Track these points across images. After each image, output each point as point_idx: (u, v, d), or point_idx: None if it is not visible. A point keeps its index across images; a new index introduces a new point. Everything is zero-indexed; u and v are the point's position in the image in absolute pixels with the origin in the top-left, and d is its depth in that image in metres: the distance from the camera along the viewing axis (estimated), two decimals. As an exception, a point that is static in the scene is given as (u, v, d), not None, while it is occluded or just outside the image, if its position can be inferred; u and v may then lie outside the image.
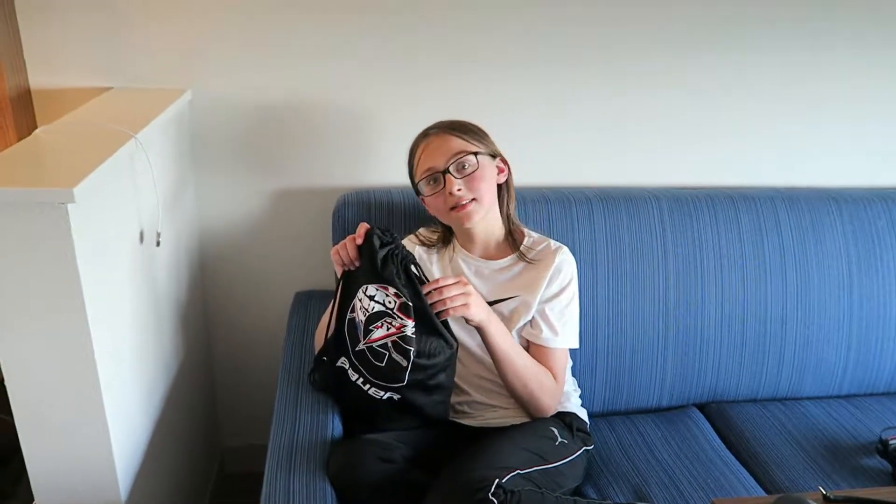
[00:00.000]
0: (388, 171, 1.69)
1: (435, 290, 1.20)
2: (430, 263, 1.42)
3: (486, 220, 1.37)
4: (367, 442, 1.22)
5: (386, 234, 1.21)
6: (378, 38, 1.60)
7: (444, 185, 1.31)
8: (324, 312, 1.36)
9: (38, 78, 1.54)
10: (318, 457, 1.17)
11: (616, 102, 1.71)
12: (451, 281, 1.21)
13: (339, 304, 1.27)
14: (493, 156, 1.37)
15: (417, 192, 1.39)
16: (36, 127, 1.52)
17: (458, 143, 1.33)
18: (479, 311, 1.23)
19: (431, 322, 1.20)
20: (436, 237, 1.45)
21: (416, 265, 1.23)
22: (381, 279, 1.19)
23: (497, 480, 1.08)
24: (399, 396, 1.23)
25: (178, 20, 1.54)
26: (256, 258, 1.76)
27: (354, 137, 1.67)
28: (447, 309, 1.20)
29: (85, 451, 1.10)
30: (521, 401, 1.34)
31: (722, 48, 1.69)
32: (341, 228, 1.57)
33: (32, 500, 1.13)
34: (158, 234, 1.33)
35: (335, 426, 1.26)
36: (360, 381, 1.25)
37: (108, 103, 1.46)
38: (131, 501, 1.20)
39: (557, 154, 1.74)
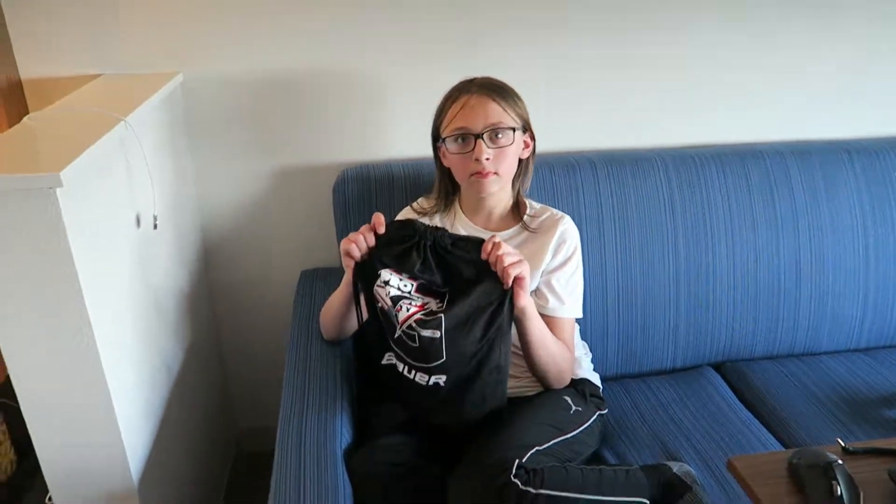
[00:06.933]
0: (386, 144, 1.67)
1: (492, 247, 1.12)
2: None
3: (499, 192, 1.35)
4: (376, 450, 1.18)
5: (407, 227, 1.17)
6: (374, 5, 1.56)
7: (473, 149, 1.28)
8: (332, 292, 1.33)
9: (28, 68, 1.52)
10: (328, 442, 1.14)
11: (617, 60, 1.66)
12: (506, 245, 1.13)
13: (365, 298, 1.22)
14: (525, 130, 1.34)
15: (435, 139, 1.35)
16: (28, 117, 1.51)
17: (498, 112, 1.28)
18: (526, 294, 1.15)
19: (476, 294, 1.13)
20: (433, 204, 1.42)
21: (450, 236, 1.16)
22: (396, 267, 1.16)
23: (517, 461, 1.07)
24: (445, 378, 1.15)
25: (165, 2, 1.51)
26: (260, 238, 1.75)
27: (351, 111, 1.64)
28: (507, 267, 1.10)
29: (94, 438, 1.10)
30: (547, 378, 1.30)
31: (725, 4, 1.64)
32: (342, 204, 1.55)
33: (48, 491, 1.14)
34: (155, 217, 1.32)
35: (343, 408, 1.24)
36: (405, 371, 1.19)
37: (98, 89, 1.44)
38: (144, 485, 1.20)
39: (559, 120, 1.70)
